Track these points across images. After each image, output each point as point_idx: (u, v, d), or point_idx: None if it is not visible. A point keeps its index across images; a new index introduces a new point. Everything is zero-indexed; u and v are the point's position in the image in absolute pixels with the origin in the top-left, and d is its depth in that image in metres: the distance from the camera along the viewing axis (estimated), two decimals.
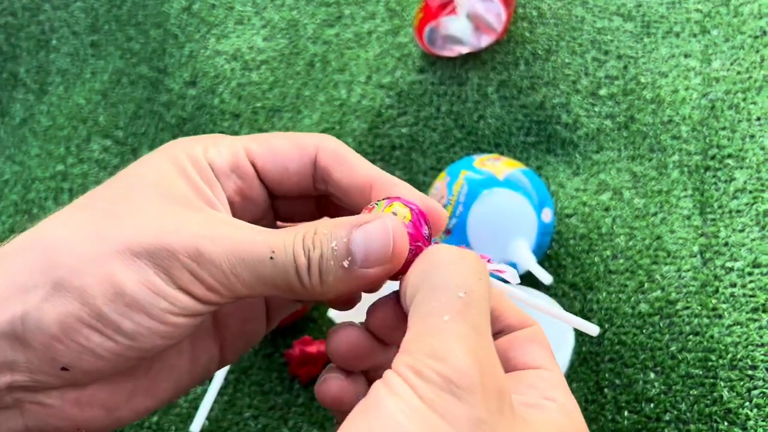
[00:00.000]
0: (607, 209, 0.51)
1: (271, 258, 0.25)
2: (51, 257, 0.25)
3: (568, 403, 0.26)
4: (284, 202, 0.31)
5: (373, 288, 0.28)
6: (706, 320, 0.46)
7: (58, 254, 0.25)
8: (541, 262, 0.49)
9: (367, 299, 0.29)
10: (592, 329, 0.28)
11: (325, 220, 0.27)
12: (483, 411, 0.21)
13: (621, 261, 0.49)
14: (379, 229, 0.26)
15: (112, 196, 0.27)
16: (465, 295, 0.23)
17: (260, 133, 0.31)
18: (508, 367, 0.27)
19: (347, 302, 0.29)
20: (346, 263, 0.26)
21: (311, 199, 0.32)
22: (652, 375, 0.45)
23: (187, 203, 0.27)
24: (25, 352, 0.25)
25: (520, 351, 0.27)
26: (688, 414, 0.44)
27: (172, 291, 0.25)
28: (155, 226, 0.26)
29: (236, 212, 0.30)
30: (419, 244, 0.27)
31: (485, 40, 0.55)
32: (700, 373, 0.45)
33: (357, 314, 0.30)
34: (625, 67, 0.55)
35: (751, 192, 0.49)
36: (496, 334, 0.28)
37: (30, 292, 0.25)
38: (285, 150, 0.30)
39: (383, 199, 0.28)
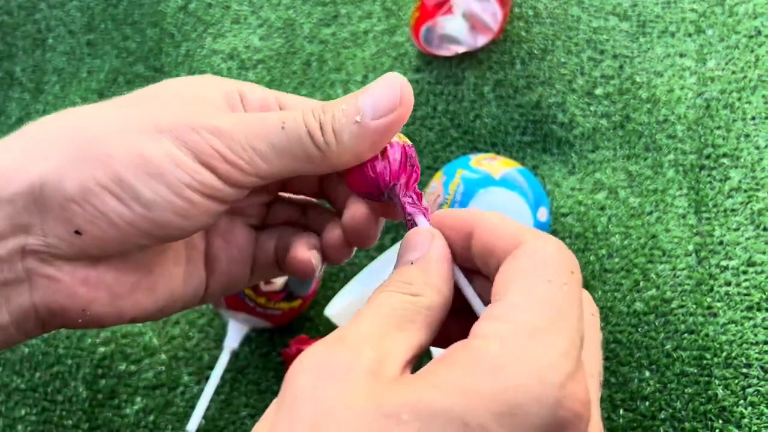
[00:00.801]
0: (602, 208, 0.51)
1: (282, 128, 0.27)
2: (79, 127, 0.26)
3: (488, 331, 0.21)
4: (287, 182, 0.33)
5: (385, 140, 0.28)
6: (701, 319, 0.46)
7: (86, 124, 0.26)
8: None
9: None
10: None
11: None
12: None
13: (616, 260, 0.49)
14: (382, 82, 0.28)
15: (139, 95, 0.29)
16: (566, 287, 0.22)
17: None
18: None
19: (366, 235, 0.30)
20: (358, 118, 0.27)
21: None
22: (648, 373, 0.46)
23: (213, 106, 0.29)
24: (41, 215, 0.26)
25: (494, 288, 0.23)
26: (683, 412, 0.44)
27: (193, 164, 0.26)
28: (180, 111, 0.27)
29: None
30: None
31: (481, 40, 0.56)
32: (695, 371, 0.45)
33: (355, 311, 0.30)
34: (621, 67, 0.55)
35: (745, 191, 0.49)
36: (495, 270, 0.25)
37: (54, 156, 0.26)
38: (296, 101, 0.31)
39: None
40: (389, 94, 0.27)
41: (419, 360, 0.23)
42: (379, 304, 0.24)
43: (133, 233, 0.26)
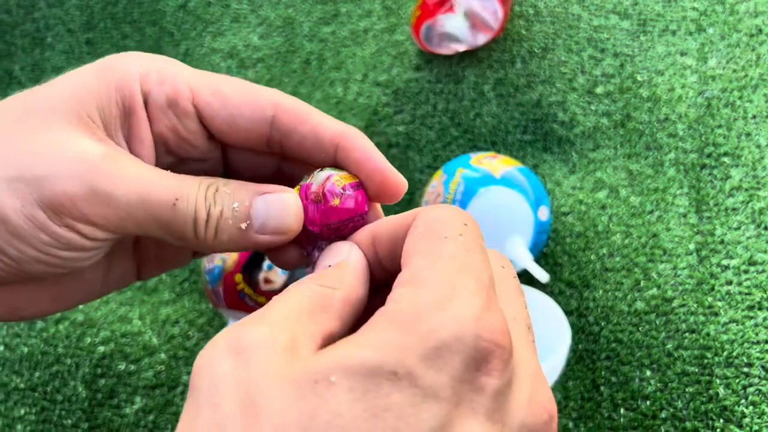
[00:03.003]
0: (603, 207, 0.51)
1: (174, 205, 0.25)
2: None
3: (398, 296, 0.21)
4: (239, 154, 0.30)
5: (260, 249, 0.28)
6: (702, 318, 0.46)
7: None
8: (537, 260, 0.49)
9: None
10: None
11: (225, 180, 0.27)
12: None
13: (617, 259, 0.49)
14: (281, 201, 0.27)
15: (20, 108, 0.26)
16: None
17: (217, 75, 0.29)
18: None
19: (288, 263, 0.29)
20: (243, 225, 0.26)
21: (272, 155, 0.31)
22: (649, 372, 0.46)
23: (91, 129, 0.26)
24: None
25: (402, 262, 0.24)
26: (684, 411, 0.44)
27: (56, 228, 0.25)
28: (50, 155, 0.24)
29: (171, 149, 0.29)
30: (357, 217, 0.27)
31: (482, 38, 0.55)
32: (696, 370, 0.45)
33: None
34: (622, 65, 0.55)
35: (746, 190, 0.49)
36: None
37: None
38: (237, 104, 0.28)
39: (331, 168, 0.28)
40: (282, 218, 0.27)
41: None
42: (293, 292, 0.23)
43: (16, 277, 0.26)
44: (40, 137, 0.25)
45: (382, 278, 0.26)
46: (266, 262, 0.47)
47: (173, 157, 0.29)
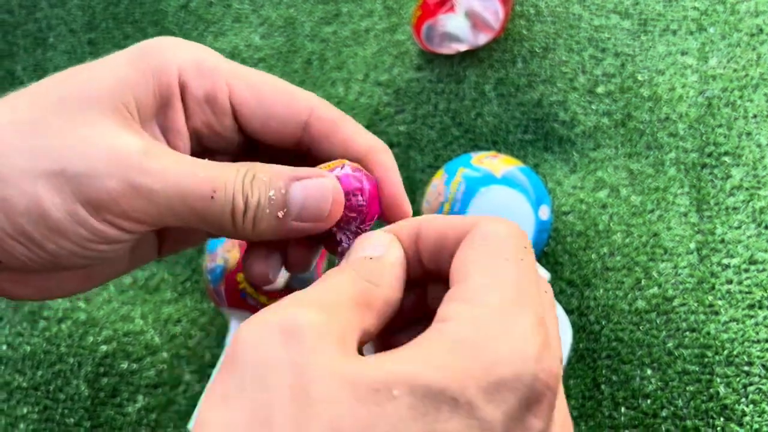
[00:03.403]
0: (604, 206, 0.51)
1: (212, 198, 0.25)
2: None
3: (461, 313, 0.21)
4: (267, 148, 0.30)
5: (297, 236, 0.27)
6: (702, 317, 0.46)
7: None
8: (538, 259, 0.49)
9: None
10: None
11: (261, 165, 0.27)
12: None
13: (618, 258, 0.49)
14: (318, 186, 0.26)
15: (55, 96, 0.26)
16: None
17: (255, 72, 0.28)
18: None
19: (299, 264, 0.29)
20: (280, 214, 0.26)
21: (289, 151, 0.31)
22: (649, 371, 0.46)
23: (127, 122, 0.26)
24: None
25: (453, 273, 0.23)
26: (684, 410, 0.44)
27: (96, 224, 0.25)
28: (89, 151, 0.24)
29: (203, 142, 0.29)
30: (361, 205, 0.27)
31: (483, 38, 0.56)
32: (697, 369, 0.45)
33: None
34: (622, 65, 0.55)
35: (747, 189, 0.49)
36: (448, 262, 0.25)
37: None
38: (274, 105, 0.28)
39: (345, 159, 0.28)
40: (320, 203, 0.26)
41: None
42: (341, 281, 0.23)
43: (50, 266, 0.26)
44: (78, 131, 0.25)
45: (416, 275, 0.26)
46: None
47: (203, 149, 0.29)
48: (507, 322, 0.21)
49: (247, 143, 0.30)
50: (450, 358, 0.20)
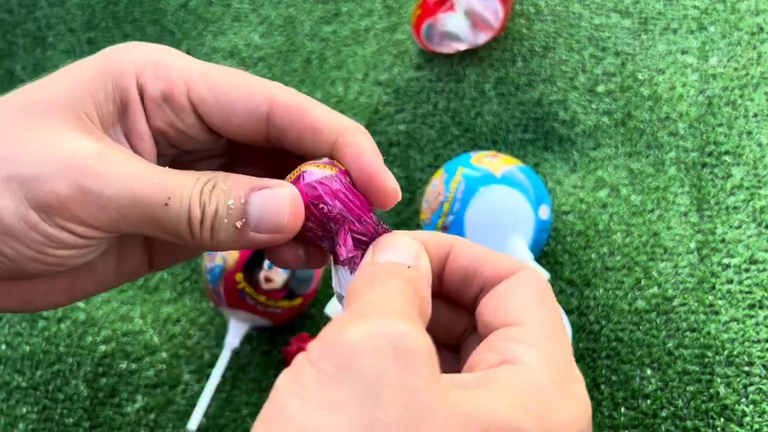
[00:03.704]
0: (604, 206, 0.51)
1: (166, 204, 0.25)
2: None
3: (534, 359, 0.22)
4: (247, 146, 0.30)
5: (258, 248, 0.27)
6: (702, 317, 0.46)
7: None
8: (538, 259, 0.49)
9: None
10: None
11: (225, 174, 0.26)
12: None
13: (618, 258, 0.49)
14: (277, 197, 0.26)
15: (16, 105, 0.26)
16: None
17: (215, 67, 0.28)
18: (486, 330, 0.25)
19: (285, 262, 0.29)
20: (239, 224, 0.25)
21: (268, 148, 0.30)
22: (649, 371, 0.46)
23: (87, 127, 0.25)
24: None
25: (493, 309, 0.24)
26: (684, 410, 0.44)
27: (49, 228, 0.24)
28: (41, 155, 0.24)
29: (173, 143, 0.28)
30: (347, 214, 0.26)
31: (482, 37, 0.55)
32: (697, 369, 0.45)
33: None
34: (623, 64, 0.55)
35: (747, 188, 0.49)
36: (477, 294, 0.26)
37: None
38: (231, 99, 0.27)
39: (322, 159, 0.27)
40: (277, 215, 0.25)
41: None
42: (396, 287, 0.23)
43: (14, 274, 0.25)
44: (33, 136, 0.25)
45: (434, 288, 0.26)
46: (266, 261, 0.47)
47: (177, 150, 0.29)
48: (571, 375, 0.23)
49: (230, 145, 0.30)
50: (536, 406, 0.21)
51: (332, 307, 0.47)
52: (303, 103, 0.27)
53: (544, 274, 0.46)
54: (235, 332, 0.49)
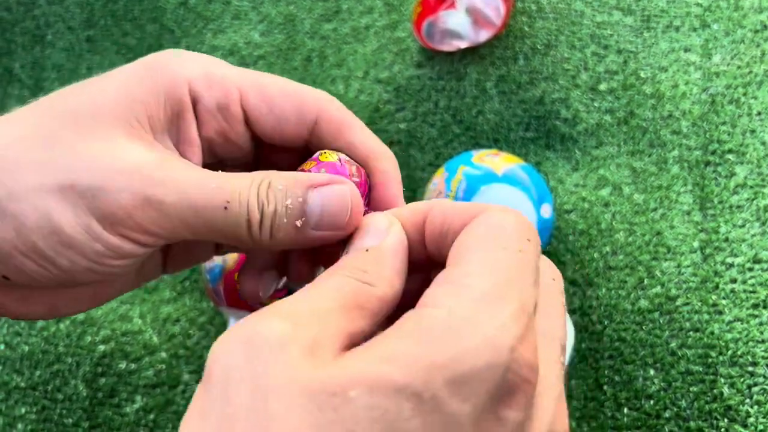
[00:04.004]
0: (606, 205, 0.51)
1: (225, 208, 0.25)
2: None
3: (443, 299, 0.20)
4: (273, 149, 0.30)
5: (317, 245, 0.27)
6: (706, 316, 0.46)
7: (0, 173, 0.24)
8: None
9: None
10: None
11: (278, 173, 0.26)
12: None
13: (620, 257, 0.49)
14: (337, 194, 0.26)
15: (63, 110, 0.25)
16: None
17: (264, 75, 0.28)
18: None
19: (302, 277, 0.29)
20: (299, 223, 0.26)
21: (297, 150, 0.30)
22: (652, 372, 0.45)
23: (140, 135, 0.26)
24: None
25: (448, 257, 0.23)
26: (688, 411, 0.44)
27: (111, 238, 0.24)
28: (103, 165, 0.24)
29: (215, 151, 0.29)
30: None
31: (484, 35, 0.55)
32: (700, 369, 0.44)
33: None
34: (625, 62, 0.54)
35: (751, 187, 0.49)
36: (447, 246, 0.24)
37: None
38: (284, 108, 0.28)
39: (330, 151, 0.28)
40: (339, 211, 0.26)
41: None
42: (328, 284, 0.23)
43: (61, 281, 0.26)
44: (87, 143, 0.25)
45: (419, 261, 0.25)
46: None
47: (215, 158, 0.29)
48: (484, 309, 0.20)
49: (253, 147, 0.30)
50: (416, 350, 0.19)
51: None
52: (346, 120, 0.28)
53: None
54: None
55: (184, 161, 0.26)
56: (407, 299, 0.25)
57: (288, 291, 0.48)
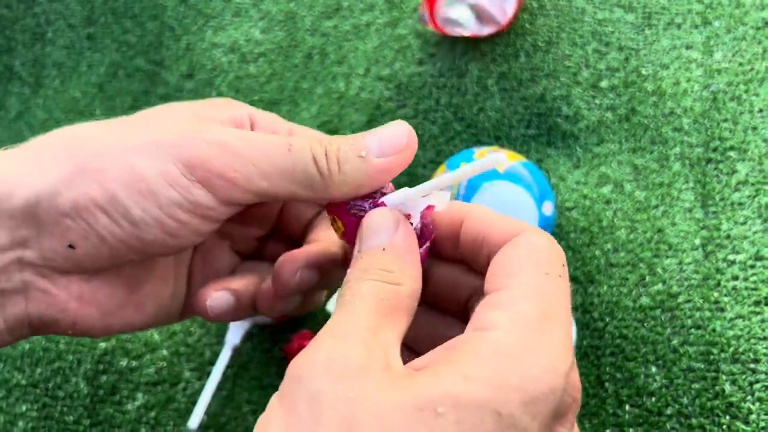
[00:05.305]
0: (608, 202, 0.51)
1: (289, 150, 0.27)
2: (78, 144, 0.27)
3: (502, 323, 0.22)
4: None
5: (385, 177, 0.28)
6: (707, 313, 0.46)
7: (85, 142, 0.27)
8: None
9: None
10: (497, 159, 0.27)
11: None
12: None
13: (622, 254, 0.49)
14: (390, 127, 0.28)
15: (143, 114, 0.29)
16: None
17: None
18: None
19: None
20: (363, 153, 0.27)
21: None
22: (654, 369, 0.45)
23: (218, 123, 0.29)
24: (37, 229, 0.26)
25: (489, 275, 0.25)
26: (689, 408, 0.44)
27: (187, 182, 0.26)
28: (182, 125, 0.27)
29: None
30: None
31: (487, 30, 0.55)
32: (702, 366, 0.44)
33: None
34: (626, 59, 0.54)
35: (753, 184, 0.49)
36: (488, 259, 0.26)
37: (52, 172, 0.26)
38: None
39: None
40: (396, 138, 0.27)
41: None
42: (366, 294, 0.24)
43: (124, 249, 0.27)
44: (164, 125, 0.28)
45: (447, 254, 0.28)
46: None
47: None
48: (543, 335, 0.22)
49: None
50: (490, 371, 0.21)
51: (333, 305, 0.47)
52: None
53: None
54: (236, 330, 0.49)
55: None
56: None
57: None
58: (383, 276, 0.25)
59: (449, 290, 0.28)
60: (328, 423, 0.20)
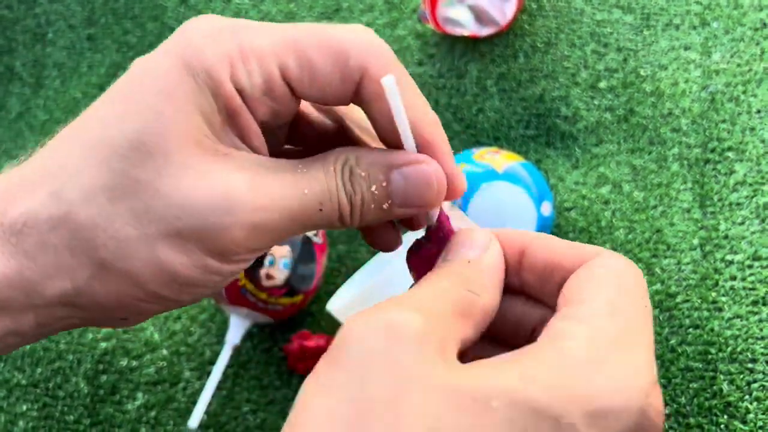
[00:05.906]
0: (606, 202, 0.51)
1: (320, 210, 0.25)
2: (86, 237, 0.23)
3: (576, 334, 0.21)
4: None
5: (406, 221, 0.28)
6: (706, 313, 0.46)
7: (92, 234, 0.23)
8: None
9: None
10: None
11: (354, 153, 0.26)
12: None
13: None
14: (420, 174, 0.26)
15: (128, 144, 0.24)
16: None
17: (298, 35, 0.26)
18: None
19: (388, 244, 0.30)
20: (385, 206, 0.26)
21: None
22: None
23: (212, 150, 0.25)
24: (81, 312, 0.25)
25: (564, 291, 0.24)
26: (687, 407, 0.44)
27: (225, 267, 0.25)
28: (198, 203, 0.23)
29: (268, 125, 0.27)
30: None
31: (486, 31, 0.55)
32: (700, 366, 0.45)
33: (357, 307, 0.30)
34: (625, 60, 0.54)
35: (751, 185, 0.49)
36: (559, 287, 0.25)
37: (76, 271, 0.24)
38: (325, 75, 0.26)
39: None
40: (424, 190, 0.26)
41: None
42: (442, 288, 0.23)
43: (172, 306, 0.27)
44: (173, 182, 0.24)
45: (507, 286, 0.26)
46: (267, 258, 0.47)
47: (266, 127, 0.28)
48: (622, 351, 0.21)
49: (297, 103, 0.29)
50: (557, 377, 0.20)
51: (334, 304, 0.47)
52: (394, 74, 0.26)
53: None
54: (236, 329, 0.49)
55: (264, 163, 0.26)
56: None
57: (290, 288, 0.48)
58: (461, 281, 0.24)
59: (513, 323, 0.27)
60: (374, 388, 0.19)
